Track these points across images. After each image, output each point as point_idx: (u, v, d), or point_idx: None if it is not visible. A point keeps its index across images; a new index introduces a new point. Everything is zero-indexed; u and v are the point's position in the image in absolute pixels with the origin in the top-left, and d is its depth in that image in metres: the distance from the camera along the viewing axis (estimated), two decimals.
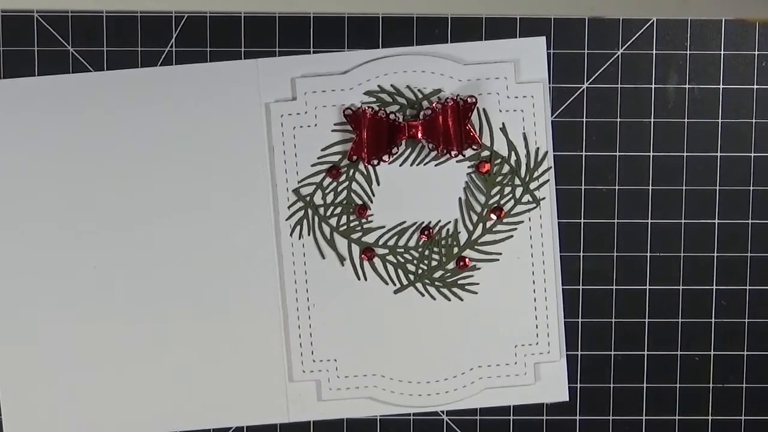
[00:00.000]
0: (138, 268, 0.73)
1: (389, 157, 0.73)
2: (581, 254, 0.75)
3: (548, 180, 0.74)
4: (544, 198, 0.74)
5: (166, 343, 0.74)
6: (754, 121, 0.75)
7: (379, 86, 0.73)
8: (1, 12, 0.72)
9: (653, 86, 0.74)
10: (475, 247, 0.74)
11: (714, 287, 0.75)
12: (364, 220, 0.74)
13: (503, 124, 0.73)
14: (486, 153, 0.74)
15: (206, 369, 0.74)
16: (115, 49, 0.73)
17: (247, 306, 0.74)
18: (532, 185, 0.74)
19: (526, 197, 0.74)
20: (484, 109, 0.73)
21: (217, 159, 0.73)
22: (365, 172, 0.74)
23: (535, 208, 0.74)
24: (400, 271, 0.74)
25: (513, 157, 0.74)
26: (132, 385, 0.74)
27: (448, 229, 0.74)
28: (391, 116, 0.72)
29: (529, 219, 0.74)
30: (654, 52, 0.74)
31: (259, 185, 0.73)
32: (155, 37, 0.73)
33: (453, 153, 0.73)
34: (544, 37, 0.74)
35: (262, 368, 0.74)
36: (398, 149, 0.73)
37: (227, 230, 0.73)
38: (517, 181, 0.74)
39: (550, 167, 0.74)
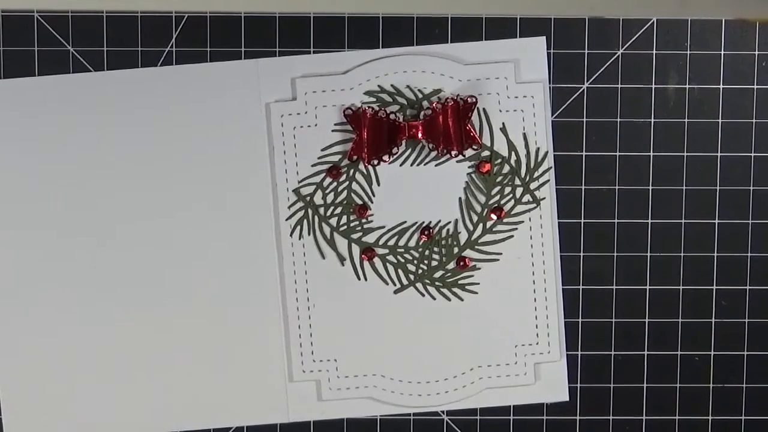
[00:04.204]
0: (138, 269, 0.73)
1: (389, 157, 0.73)
2: (581, 254, 0.75)
3: (548, 180, 0.74)
4: (544, 198, 0.74)
5: (166, 343, 0.74)
6: (754, 121, 0.75)
7: (379, 86, 0.73)
8: (1, 12, 0.72)
9: (653, 86, 0.74)
10: (476, 247, 0.74)
11: (714, 287, 0.75)
12: (364, 220, 0.74)
13: (503, 124, 0.73)
14: (486, 153, 0.74)
15: (206, 369, 0.74)
16: (115, 49, 0.73)
17: (247, 306, 0.74)
18: (532, 185, 0.74)
19: (526, 197, 0.74)
20: (484, 109, 0.73)
21: (217, 159, 0.73)
22: (365, 172, 0.74)
23: (535, 208, 0.74)
24: (400, 271, 0.74)
25: (513, 157, 0.74)
26: (132, 386, 0.74)
27: (448, 229, 0.74)
28: (392, 116, 0.72)
29: (530, 219, 0.74)
30: (654, 52, 0.74)
31: (259, 185, 0.73)
32: (155, 37, 0.73)
33: (453, 153, 0.73)
34: (544, 37, 0.74)
35: (262, 368, 0.74)
36: (398, 149, 0.73)
37: (227, 230, 0.73)
38: (517, 181, 0.74)
39: (551, 167, 0.74)
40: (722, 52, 0.74)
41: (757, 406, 0.76)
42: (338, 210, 0.74)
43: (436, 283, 0.74)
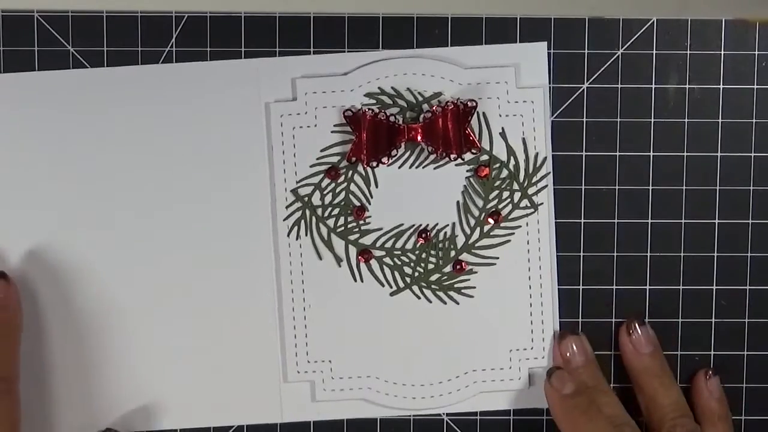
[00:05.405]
0: (135, 267, 0.74)
1: (388, 159, 0.73)
2: (581, 254, 0.75)
3: (546, 185, 0.74)
4: (542, 203, 0.74)
5: (161, 341, 0.74)
6: (754, 121, 0.74)
7: (379, 88, 0.73)
8: (1, 12, 0.73)
9: (653, 86, 0.74)
10: (472, 250, 0.74)
11: (714, 287, 0.75)
12: (361, 222, 0.74)
13: (503, 128, 0.73)
14: (485, 157, 0.73)
15: (201, 369, 0.74)
16: (115, 49, 0.73)
17: (243, 306, 0.74)
18: (531, 190, 0.74)
19: (524, 202, 0.74)
20: (484, 113, 0.73)
21: (217, 159, 0.73)
22: (364, 174, 0.74)
23: (533, 213, 0.74)
24: (396, 274, 0.74)
25: (512, 162, 0.73)
26: (128, 384, 0.74)
27: (445, 233, 0.74)
28: (391, 118, 0.72)
29: (527, 224, 0.74)
30: (654, 52, 0.74)
31: (257, 185, 0.73)
32: (155, 37, 0.73)
33: (452, 156, 0.72)
34: (545, 43, 0.73)
35: (257, 368, 0.74)
36: (397, 151, 0.73)
37: (225, 230, 0.73)
38: (516, 186, 0.74)
39: (549, 173, 0.74)
40: (722, 52, 0.74)
41: (757, 406, 0.76)
42: (336, 211, 0.74)
43: (433, 286, 0.74)
